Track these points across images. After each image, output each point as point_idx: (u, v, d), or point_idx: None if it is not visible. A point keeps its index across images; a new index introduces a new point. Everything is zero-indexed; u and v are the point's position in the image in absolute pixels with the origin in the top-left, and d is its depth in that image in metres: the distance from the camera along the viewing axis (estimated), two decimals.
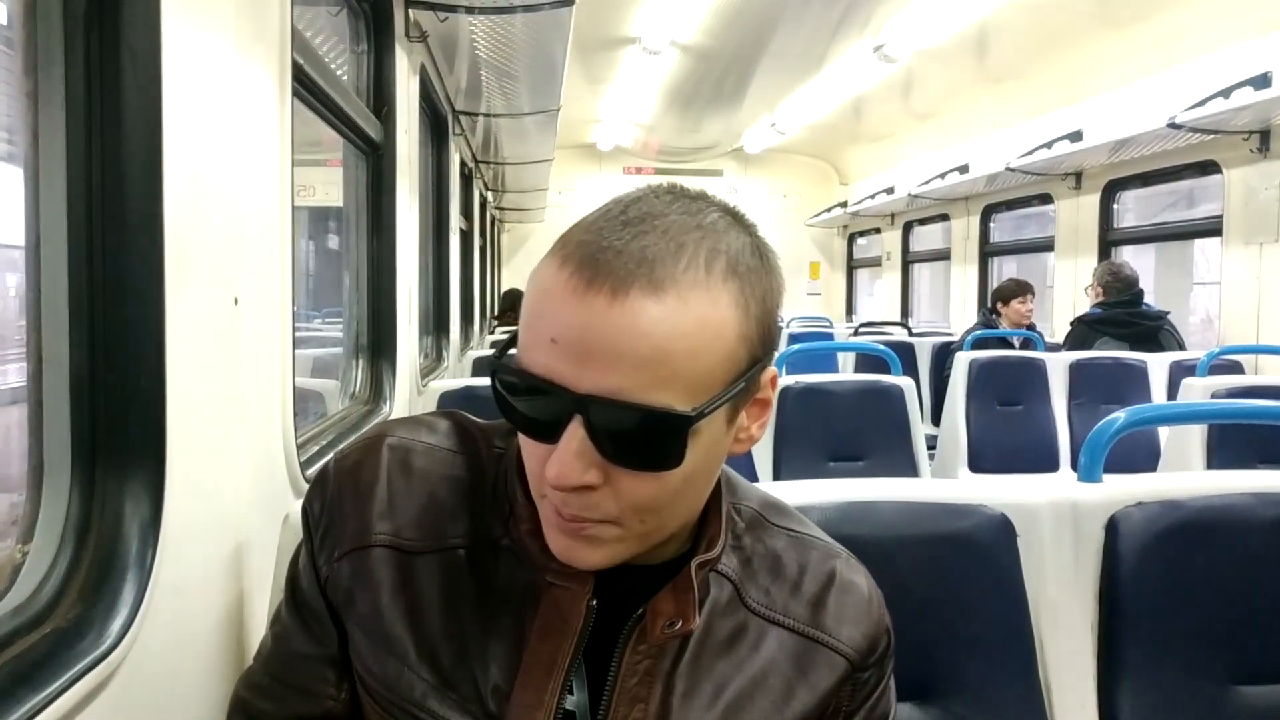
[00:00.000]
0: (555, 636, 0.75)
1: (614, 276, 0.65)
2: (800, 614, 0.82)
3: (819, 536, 0.88)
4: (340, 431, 2.07)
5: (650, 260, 0.66)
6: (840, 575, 0.85)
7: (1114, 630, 1.24)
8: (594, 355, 0.65)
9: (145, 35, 0.96)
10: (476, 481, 0.81)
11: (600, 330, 0.65)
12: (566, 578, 0.76)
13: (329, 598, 0.81)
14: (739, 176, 10.61)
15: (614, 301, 0.65)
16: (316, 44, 1.93)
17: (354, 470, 0.81)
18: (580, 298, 0.65)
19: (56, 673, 0.83)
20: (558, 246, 0.70)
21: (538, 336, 0.67)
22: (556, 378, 0.66)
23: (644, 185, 0.74)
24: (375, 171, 2.62)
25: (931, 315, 8.98)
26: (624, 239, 0.67)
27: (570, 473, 0.67)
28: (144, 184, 0.97)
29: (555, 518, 0.71)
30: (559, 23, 2.98)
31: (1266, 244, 4.15)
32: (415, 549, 0.78)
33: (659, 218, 0.69)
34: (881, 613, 0.86)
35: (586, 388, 0.65)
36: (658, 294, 0.65)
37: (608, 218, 0.69)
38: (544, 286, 0.68)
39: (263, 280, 1.35)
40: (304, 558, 0.84)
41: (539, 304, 0.68)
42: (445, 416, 0.87)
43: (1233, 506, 1.27)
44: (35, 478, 0.94)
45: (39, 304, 0.94)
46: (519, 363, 0.69)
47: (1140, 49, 4.85)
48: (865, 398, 3.02)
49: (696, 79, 7.11)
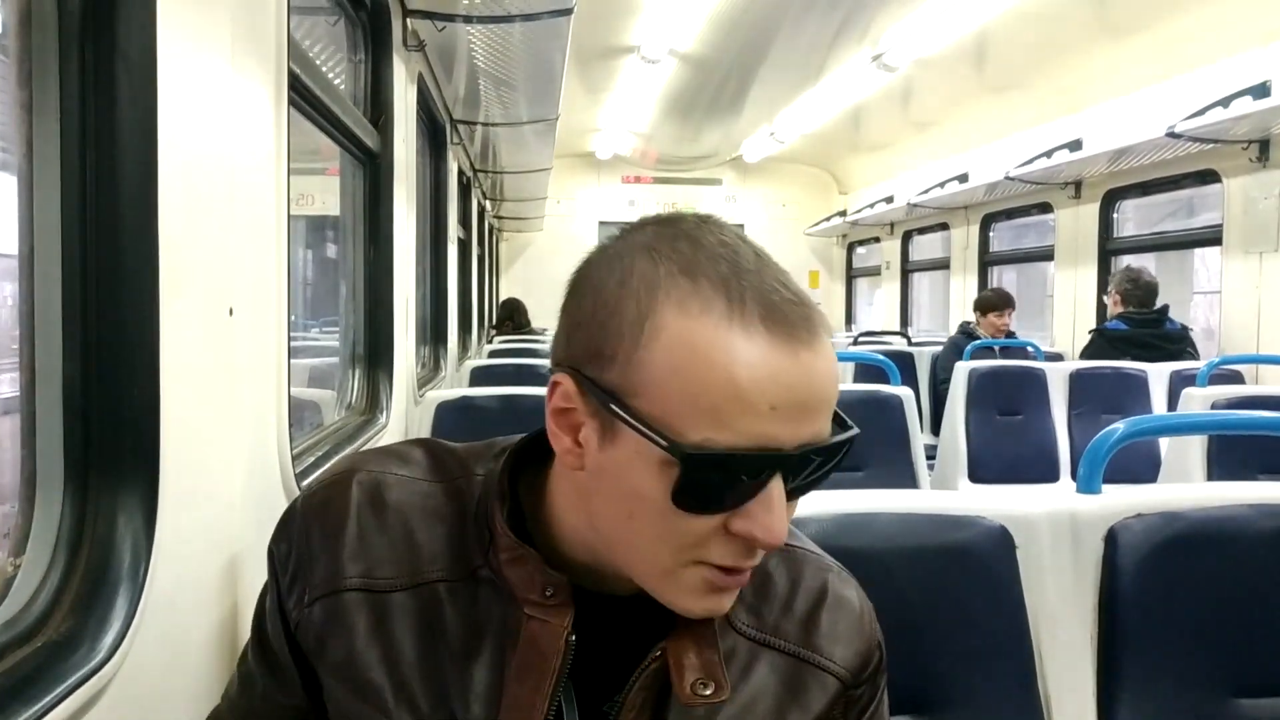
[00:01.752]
0: (534, 675, 0.72)
1: (801, 325, 0.65)
2: (791, 634, 0.80)
3: (810, 549, 0.86)
4: (336, 442, 2.06)
5: (802, 299, 0.66)
6: (832, 591, 0.83)
7: (1113, 642, 1.23)
8: (810, 411, 0.65)
9: (140, 45, 0.96)
10: (455, 510, 0.78)
11: (819, 385, 0.65)
12: (545, 610, 0.73)
13: (299, 644, 0.78)
14: (738, 186, 10.62)
15: (816, 352, 0.65)
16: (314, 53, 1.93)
17: (322, 509, 0.78)
18: (794, 357, 0.64)
19: (48, 687, 0.82)
20: (696, 304, 0.64)
21: (749, 408, 0.63)
22: (771, 443, 0.64)
23: (672, 212, 0.73)
24: (373, 180, 2.62)
25: (931, 325, 8.98)
26: (769, 281, 0.66)
27: (784, 529, 0.66)
28: (138, 194, 0.97)
29: (714, 580, 0.69)
30: (557, 32, 2.98)
31: (1266, 253, 4.15)
32: (389, 588, 0.75)
33: (750, 248, 0.69)
34: (873, 628, 0.85)
35: (798, 442, 0.64)
36: (825, 329, 0.66)
37: (722, 265, 0.66)
38: (733, 354, 0.63)
39: (258, 290, 1.34)
40: (271, 601, 0.80)
41: (739, 374, 0.62)
42: (418, 445, 0.83)
43: (1232, 518, 1.27)
44: (28, 490, 0.94)
45: (32, 314, 0.94)
46: (713, 443, 0.63)
47: (1139, 58, 4.86)
48: (864, 407, 3.01)
49: (695, 88, 7.13)
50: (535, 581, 0.73)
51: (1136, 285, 4.43)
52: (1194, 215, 5.75)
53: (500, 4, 2.70)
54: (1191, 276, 6.35)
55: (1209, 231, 4.72)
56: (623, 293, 0.67)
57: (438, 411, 2.62)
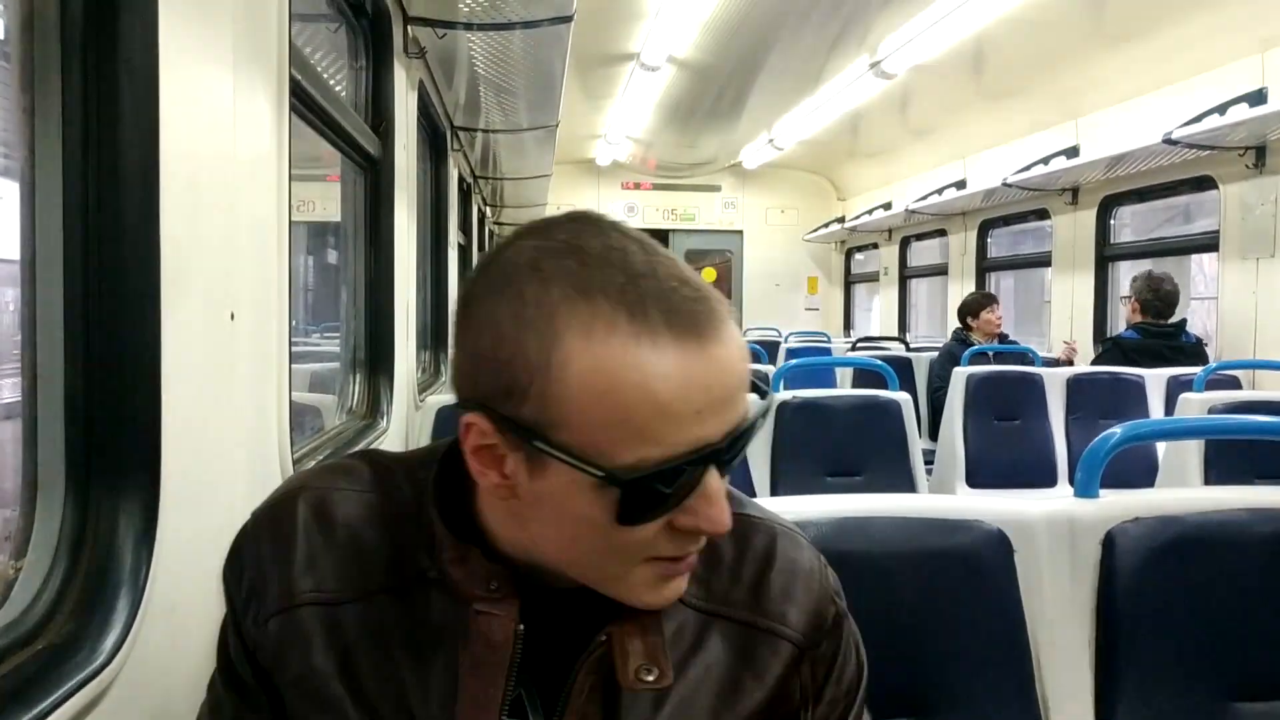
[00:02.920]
0: (488, 669, 0.72)
1: (708, 320, 0.65)
2: (741, 601, 0.79)
3: (756, 515, 0.84)
4: (337, 447, 2.06)
5: (698, 284, 0.66)
6: (780, 553, 0.82)
7: (1111, 645, 1.24)
8: (731, 402, 0.65)
9: (142, 51, 0.97)
10: (399, 517, 0.78)
11: (733, 375, 0.65)
12: (492, 603, 0.73)
13: (259, 664, 0.78)
14: (737, 192, 10.63)
15: (723, 343, 0.65)
16: (315, 60, 1.94)
17: (271, 529, 0.78)
18: (706, 357, 0.64)
19: (49, 689, 0.83)
20: (601, 326, 0.63)
21: (677, 419, 0.63)
22: (702, 443, 0.64)
23: (549, 216, 0.71)
24: (373, 186, 2.63)
25: (929, 330, 8.98)
26: (663, 277, 0.65)
27: (727, 516, 0.67)
28: (140, 199, 0.97)
29: (665, 571, 0.70)
30: (557, 39, 2.99)
31: (1263, 259, 4.16)
32: (341, 600, 0.76)
33: (636, 243, 0.68)
34: (824, 584, 0.83)
35: (726, 430, 0.65)
36: (725, 311, 0.67)
37: (614, 274, 0.65)
38: (648, 371, 0.62)
39: (259, 295, 1.35)
40: (229, 627, 0.81)
41: (658, 388, 0.62)
42: (361, 458, 0.83)
43: (1229, 522, 1.27)
44: (29, 493, 0.94)
45: (34, 319, 0.94)
46: (649, 461, 0.63)
47: (1136, 66, 4.87)
48: (863, 413, 3.02)
49: (694, 95, 7.13)
50: (479, 576, 0.74)
51: (1157, 295, 4.37)
52: (1191, 221, 5.76)
53: (501, 11, 2.71)
54: (1189, 282, 6.36)
55: (1206, 238, 4.73)
56: (521, 326, 0.65)
57: (438, 416, 2.63)
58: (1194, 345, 4.38)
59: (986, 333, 5.23)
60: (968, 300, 5.49)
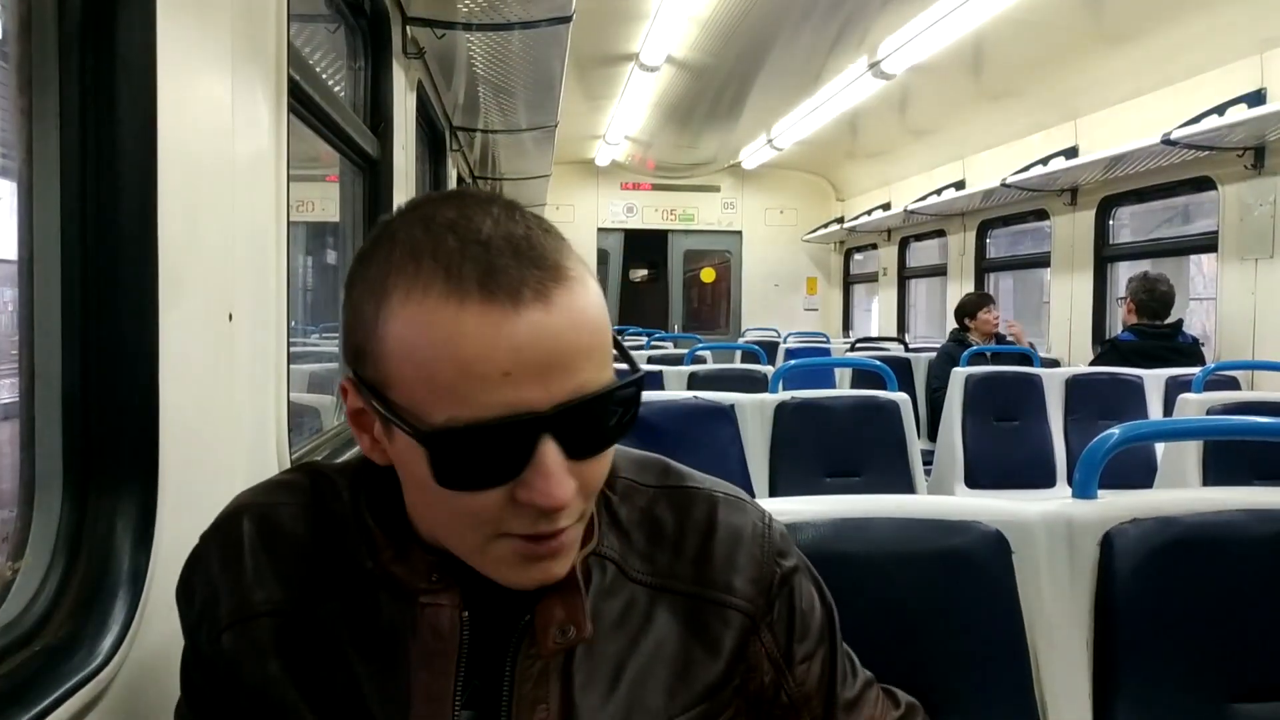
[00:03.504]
0: (438, 659, 0.73)
1: (528, 283, 0.64)
2: (686, 574, 0.79)
3: (698, 485, 0.84)
4: (336, 447, 2.06)
5: (538, 256, 0.65)
6: (721, 521, 0.81)
7: (1109, 647, 1.24)
8: (554, 365, 0.64)
9: (140, 51, 0.97)
10: (340, 525, 0.79)
11: (553, 337, 0.64)
12: (435, 594, 0.74)
13: (216, 680, 0.78)
14: (736, 192, 10.63)
15: (546, 305, 0.64)
16: (314, 60, 1.94)
17: (219, 548, 0.79)
18: (516, 316, 0.63)
19: (47, 690, 0.82)
20: (418, 288, 0.64)
21: (480, 380, 0.63)
22: (521, 408, 0.63)
23: (406, 207, 0.71)
24: (372, 187, 2.63)
25: (928, 331, 8.99)
26: (498, 245, 0.65)
27: (564, 491, 0.65)
28: (138, 200, 0.97)
29: (523, 550, 0.69)
30: (557, 39, 2.99)
31: (1262, 260, 4.16)
32: (292, 610, 0.76)
33: (491, 216, 0.67)
34: (767, 545, 0.82)
35: (555, 400, 0.64)
36: (566, 283, 0.66)
37: (449, 240, 0.65)
38: (452, 330, 0.63)
39: (258, 295, 1.35)
40: (187, 648, 0.81)
41: (462, 348, 0.63)
42: (300, 470, 0.84)
43: (1228, 523, 1.27)
44: (26, 494, 0.94)
45: (32, 320, 0.94)
46: (459, 420, 0.63)
47: (1135, 66, 4.87)
48: (861, 413, 3.02)
49: (693, 96, 7.14)
50: (419, 570, 0.75)
51: (1152, 297, 4.39)
52: (1190, 222, 5.77)
53: (500, 12, 2.71)
54: (1187, 283, 6.36)
55: (1204, 238, 4.73)
56: (365, 289, 0.68)
57: None
58: (1191, 346, 4.39)
59: (984, 333, 5.25)
60: (965, 301, 5.51)
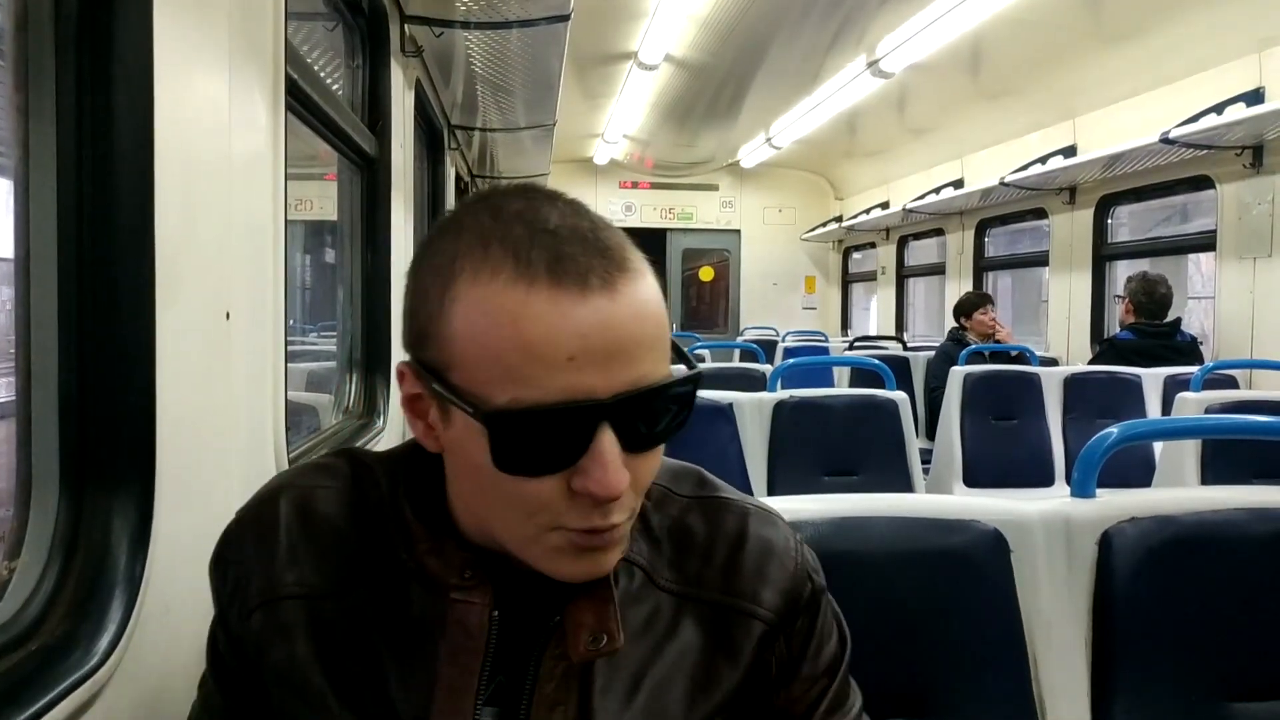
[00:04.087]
0: (465, 655, 0.73)
1: (595, 271, 0.64)
2: (713, 582, 0.79)
3: (731, 497, 0.84)
4: (333, 446, 2.06)
5: (605, 247, 0.66)
6: (751, 533, 0.81)
7: (1107, 646, 1.24)
8: (617, 354, 0.64)
9: (137, 49, 0.96)
10: (377, 513, 0.79)
11: (618, 326, 0.64)
12: (467, 591, 0.74)
13: (244, 658, 0.79)
14: (734, 191, 10.63)
15: (613, 294, 0.64)
16: (311, 59, 1.94)
17: (254, 526, 0.80)
18: (583, 303, 0.64)
19: (43, 690, 0.82)
20: (487, 271, 0.65)
21: (544, 362, 0.63)
22: (583, 394, 0.63)
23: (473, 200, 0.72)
24: (370, 185, 2.63)
25: (927, 330, 8.99)
26: (565, 235, 0.66)
27: (619, 480, 0.65)
28: (135, 198, 0.97)
29: (576, 541, 0.69)
30: (555, 38, 2.99)
31: (1260, 259, 4.16)
32: (324, 594, 0.77)
33: (557, 210, 0.68)
34: (799, 561, 0.82)
35: (615, 389, 0.64)
36: (631, 274, 0.66)
37: (518, 228, 0.66)
38: (520, 311, 0.63)
39: (255, 294, 1.35)
40: (216, 623, 0.82)
41: (527, 330, 0.63)
42: (341, 455, 0.84)
43: (1226, 522, 1.27)
44: (23, 493, 0.94)
45: (28, 318, 0.94)
46: (521, 402, 0.63)
47: (1134, 65, 4.87)
48: (860, 412, 3.02)
49: (692, 94, 7.13)
50: (453, 566, 0.75)
51: (1151, 297, 4.39)
52: (1188, 221, 5.77)
53: (498, 10, 2.71)
54: (1186, 282, 6.36)
55: (1203, 237, 4.73)
56: (432, 273, 0.69)
57: None
58: (1189, 344, 4.40)
59: (980, 333, 5.24)
60: (962, 300, 5.52)
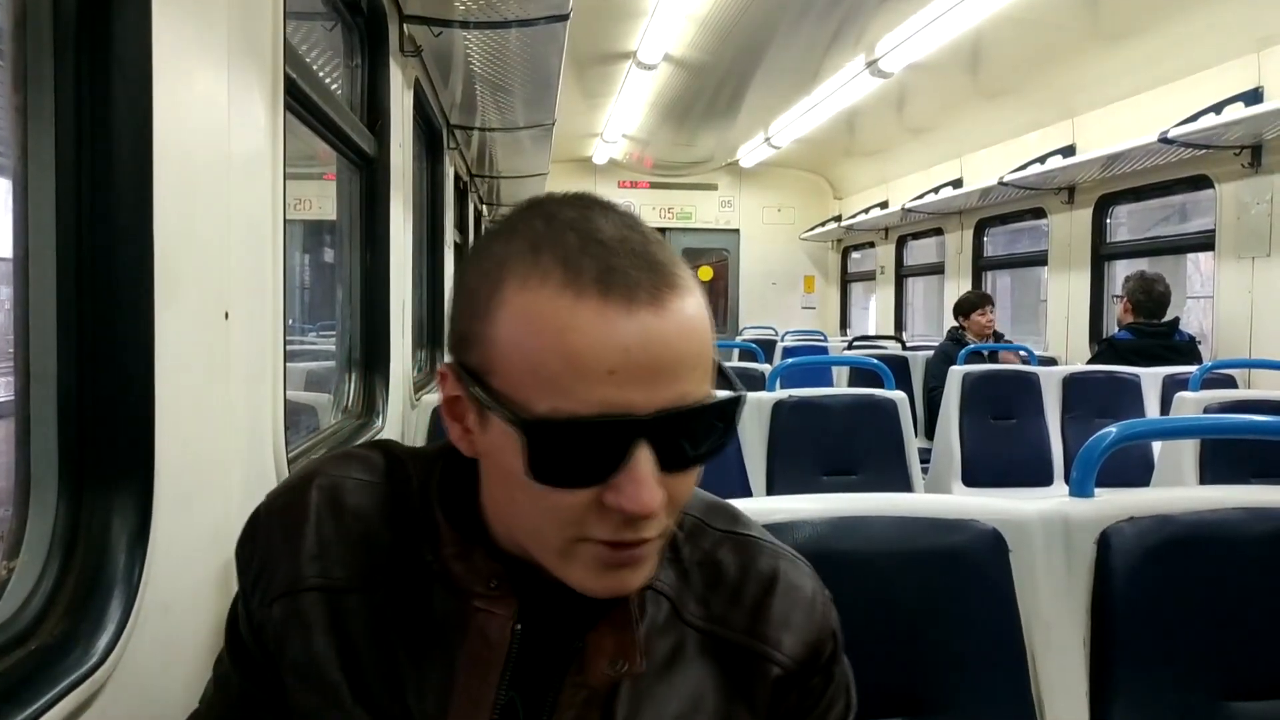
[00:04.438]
0: (483, 666, 0.73)
1: (644, 286, 0.64)
2: (739, 623, 0.79)
3: (764, 539, 0.84)
4: (332, 446, 2.06)
5: (656, 262, 0.65)
6: (783, 577, 0.81)
7: (1106, 645, 1.24)
8: (660, 371, 0.63)
9: (135, 49, 0.96)
10: (407, 511, 0.79)
11: (661, 343, 0.63)
12: (491, 601, 0.73)
13: (263, 643, 0.79)
14: (733, 190, 10.63)
15: (659, 311, 0.64)
16: (310, 58, 1.94)
17: (283, 513, 0.79)
18: (629, 317, 0.63)
19: (41, 690, 0.82)
20: (536, 279, 0.64)
21: (586, 374, 0.62)
22: (622, 409, 0.62)
23: (526, 205, 0.72)
24: (369, 185, 2.62)
25: (926, 329, 8.99)
26: (616, 247, 0.65)
27: (654, 498, 0.64)
28: (133, 198, 0.97)
29: (605, 557, 0.68)
30: (554, 37, 2.99)
31: (1259, 258, 4.16)
32: (346, 588, 0.76)
33: (611, 221, 0.68)
34: (825, 616, 0.82)
35: (656, 406, 0.63)
36: (679, 290, 0.65)
37: (570, 237, 0.66)
38: (566, 322, 0.63)
39: (254, 294, 1.35)
40: (239, 604, 0.82)
41: (571, 341, 0.62)
42: (376, 448, 0.84)
43: (1225, 521, 1.27)
44: (21, 493, 0.94)
45: (27, 318, 0.94)
46: (559, 412, 0.63)
47: (1132, 65, 4.87)
48: (859, 412, 3.02)
49: (691, 94, 7.13)
50: (479, 573, 0.74)
51: (1149, 296, 4.39)
52: (1187, 220, 5.77)
53: (497, 10, 2.71)
54: (1185, 281, 6.37)
55: (1202, 237, 4.73)
56: (480, 276, 0.68)
57: (434, 415, 2.63)
58: (1188, 344, 4.40)
59: (978, 333, 5.24)
60: (962, 299, 5.51)
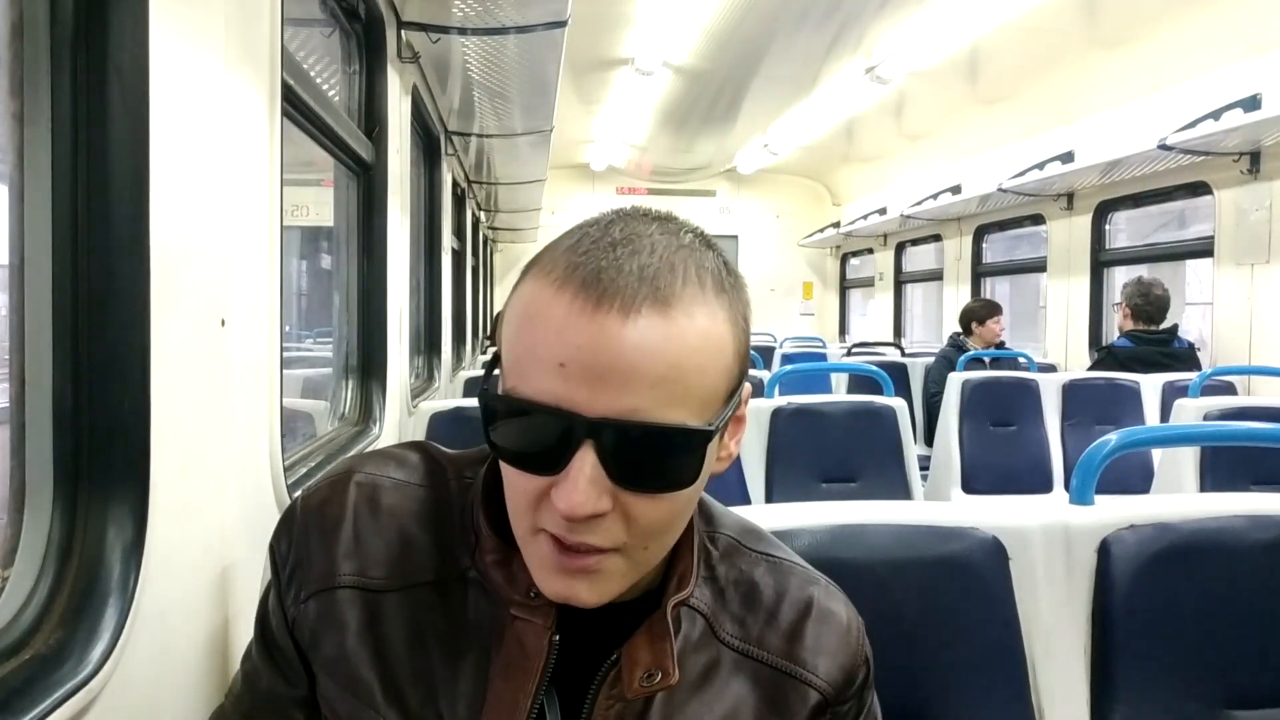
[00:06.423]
0: (518, 674, 0.73)
1: (621, 295, 0.64)
2: (775, 645, 0.80)
3: (798, 563, 0.86)
4: (329, 453, 2.06)
5: (651, 278, 0.66)
6: (818, 603, 0.83)
7: (1106, 654, 1.23)
8: (608, 377, 0.64)
9: (133, 54, 0.96)
10: (444, 514, 0.80)
11: (615, 350, 0.64)
12: (530, 610, 0.74)
13: (296, 639, 0.79)
14: (732, 197, 10.64)
15: (625, 320, 0.64)
16: (308, 65, 1.93)
17: (320, 508, 0.80)
18: (590, 318, 0.64)
19: (36, 700, 0.82)
20: (543, 270, 0.68)
21: (540, 362, 0.65)
22: (565, 404, 0.64)
23: (609, 210, 0.74)
24: (366, 191, 2.62)
25: (924, 335, 8.99)
26: (619, 258, 0.66)
27: (585, 501, 0.65)
28: (130, 204, 0.96)
29: (554, 556, 0.69)
30: (552, 43, 2.99)
31: (1258, 265, 4.17)
32: (382, 588, 0.77)
33: (643, 237, 0.68)
34: (860, 643, 0.84)
35: (600, 411, 0.64)
36: (665, 310, 0.65)
37: (591, 240, 0.68)
38: (541, 310, 0.66)
39: (251, 301, 1.34)
40: (272, 598, 0.82)
41: (538, 329, 0.66)
42: (415, 449, 0.85)
43: (1225, 529, 1.27)
44: (17, 501, 0.93)
45: (23, 325, 0.94)
46: (516, 391, 0.66)
47: (1131, 71, 4.88)
48: (858, 418, 3.01)
49: (689, 100, 7.14)
50: (520, 583, 0.75)
51: (1147, 301, 4.39)
52: (1186, 227, 5.77)
53: (494, 16, 2.71)
54: (1184, 288, 6.37)
55: (1201, 243, 4.73)
56: (527, 264, 0.74)
57: (431, 422, 2.62)
58: (1187, 351, 4.40)
59: (987, 341, 5.22)
60: (974, 307, 5.45)
